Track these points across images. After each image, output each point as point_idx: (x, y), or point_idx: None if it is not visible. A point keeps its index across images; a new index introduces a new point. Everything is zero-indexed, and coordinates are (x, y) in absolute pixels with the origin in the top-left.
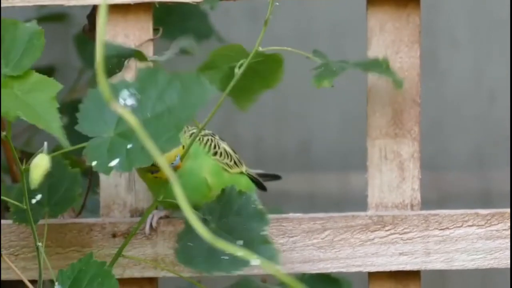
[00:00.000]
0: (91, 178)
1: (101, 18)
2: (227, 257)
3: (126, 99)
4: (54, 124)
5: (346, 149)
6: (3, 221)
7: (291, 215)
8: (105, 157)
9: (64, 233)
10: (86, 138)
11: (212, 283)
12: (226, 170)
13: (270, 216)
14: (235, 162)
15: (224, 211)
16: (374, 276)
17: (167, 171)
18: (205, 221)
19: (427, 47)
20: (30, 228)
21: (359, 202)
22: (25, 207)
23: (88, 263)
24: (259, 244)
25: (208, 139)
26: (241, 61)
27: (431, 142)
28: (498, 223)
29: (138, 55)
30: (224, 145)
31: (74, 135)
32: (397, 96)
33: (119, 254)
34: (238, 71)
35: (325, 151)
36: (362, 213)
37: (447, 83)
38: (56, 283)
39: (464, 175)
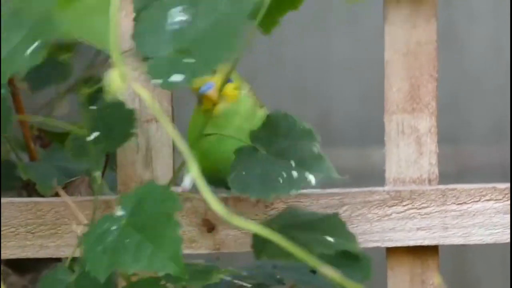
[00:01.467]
0: (109, 155)
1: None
2: (282, 179)
3: (180, 16)
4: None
5: (365, 122)
6: (18, 199)
7: (308, 190)
8: (165, 74)
9: (82, 210)
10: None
11: (230, 259)
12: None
13: None
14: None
15: (272, 136)
16: (392, 251)
17: (166, 124)
18: (254, 149)
19: (446, 19)
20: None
21: (378, 176)
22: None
23: (151, 188)
24: (311, 161)
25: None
26: None
27: (450, 115)
28: None
29: None
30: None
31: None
32: (414, 70)
33: None
34: None
35: (344, 125)
36: (379, 188)
37: (466, 55)
38: (119, 207)
39: (483, 148)
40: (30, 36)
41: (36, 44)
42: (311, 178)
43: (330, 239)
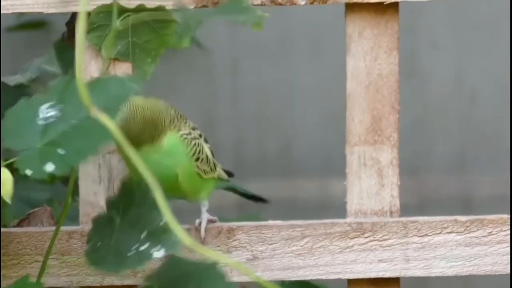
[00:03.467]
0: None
1: (80, 25)
2: (132, 253)
3: (48, 112)
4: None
5: (327, 154)
6: None
7: (270, 222)
8: (37, 164)
9: (44, 241)
10: None
11: None
12: (200, 175)
13: (250, 223)
14: (211, 168)
15: (126, 204)
16: (353, 283)
17: (136, 161)
18: (110, 219)
19: (408, 49)
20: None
21: (339, 208)
22: None
23: (24, 285)
24: (160, 234)
25: (196, 143)
26: (125, 14)
27: (411, 146)
28: (477, 229)
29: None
30: (206, 149)
31: None
32: (376, 102)
33: (45, 263)
34: (117, 25)
35: (306, 155)
36: (341, 220)
37: (428, 86)
38: None
39: (446, 179)
40: None
41: None
42: (157, 255)
43: None
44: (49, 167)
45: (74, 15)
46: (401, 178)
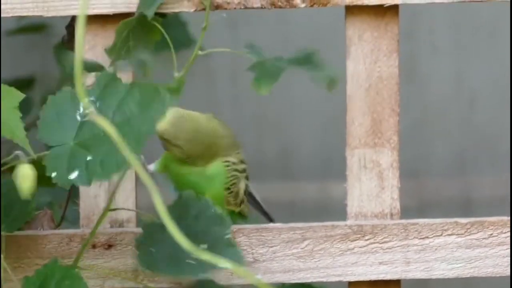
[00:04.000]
0: (71, 189)
1: (80, 29)
2: (192, 261)
3: (89, 107)
4: (18, 132)
5: (327, 157)
6: None
7: (270, 225)
8: (64, 169)
9: (44, 244)
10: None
11: None
12: (222, 204)
13: (251, 226)
14: (235, 203)
15: (182, 215)
16: (354, 285)
17: (143, 175)
18: (163, 226)
19: (408, 52)
20: None
21: (340, 210)
22: None
23: (53, 268)
24: (223, 247)
25: (234, 176)
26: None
27: (412, 149)
28: (478, 231)
29: (98, 68)
30: (242, 185)
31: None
32: (376, 105)
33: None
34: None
35: (306, 159)
36: (341, 223)
37: (428, 89)
38: None
39: (446, 181)
40: None
41: None
42: (224, 265)
43: None
44: (74, 175)
45: (73, 19)
46: (401, 181)
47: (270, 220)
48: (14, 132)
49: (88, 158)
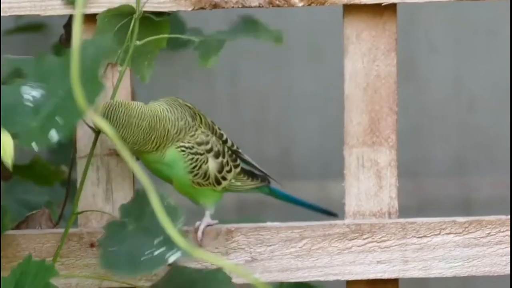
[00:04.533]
0: (69, 188)
1: (76, 28)
2: (146, 257)
3: (31, 92)
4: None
5: (326, 157)
6: None
7: (268, 223)
8: (41, 135)
9: (42, 243)
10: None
11: None
12: (193, 186)
13: (248, 225)
14: (209, 182)
15: (140, 211)
16: (352, 284)
17: (127, 158)
18: (123, 224)
19: (406, 53)
20: None
21: (338, 210)
22: None
23: (28, 265)
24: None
25: (195, 159)
26: (135, 14)
27: (410, 149)
28: (476, 230)
29: None
30: (211, 165)
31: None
32: (374, 104)
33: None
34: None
35: (305, 158)
36: (339, 222)
37: (426, 90)
38: None
39: (444, 182)
40: None
41: None
42: (173, 258)
43: None
44: (53, 135)
45: (71, 18)
46: (400, 181)
47: (265, 177)
48: None
49: (58, 119)
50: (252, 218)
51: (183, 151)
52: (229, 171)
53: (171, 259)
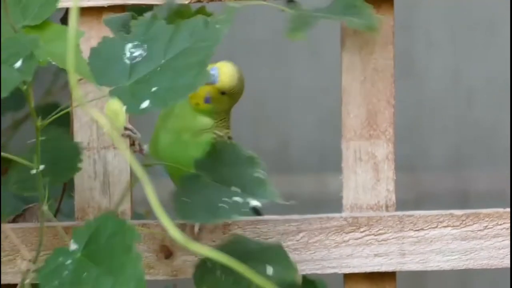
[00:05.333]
0: (66, 182)
1: (72, 21)
2: (225, 205)
3: (133, 51)
4: (82, 68)
5: (324, 150)
6: None
7: (266, 217)
8: (132, 100)
9: (38, 237)
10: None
11: (187, 286)
12: None
13: (246, 218)
14: None
15: (216, 163)
16: (349, 277)
17: (124, 150)
18: (198, 177)
19: (404, 47)
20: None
21: (336, 203)
22: (32, 173)
23: (106, 220)
24: (254, 186)
25: None
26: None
27: (408, 143)
28: (473, 223)
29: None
30: None
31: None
32: (371, 97)
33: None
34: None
35: (303, 152)
36: (336, 215)
37: (425, 83)
38: (72, 241)
39: (442, 176)
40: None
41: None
42: (255, 203)
43: (269, 270)
44: (144, 104)
45: (68, 11)
46: (398, 175)
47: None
48: (78, 68)
49: (153, 89)
50: (248, 211)
51: (215, 139)
52: None
53: (253, 203)
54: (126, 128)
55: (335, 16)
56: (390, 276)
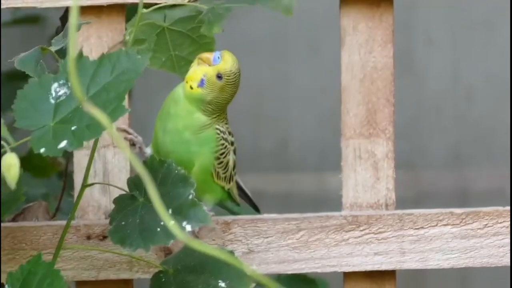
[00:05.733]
0: (66, 180)
1: (73, 19)
2: (162, 230)
3: (58, 90)
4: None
5: (323, 148)
6: None
7: (265, 215)
8: (51, 142)
9: (39, 236)
10: None
11: None
12: (212, 176)
13: (246, 216)
14: (225, 177)
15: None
16: (349, 276)
17: (124, 148)
18: (132, 198)
19: (404, 45)
20: None
21: (335, 202)
22: None
23: (37, 264)
24: (188, 209)
25: (225, 145)
26: (160, 28)
27: (408, 141)
28: (473, 222)
29: (44, 50)
30: (231, 158)
31: None
32: (371, 95)
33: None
34: (128, 38)
35: (302, 150)
36: (336, 213)
37: (424, 82)
38: (6, 286)
39: (442, 174)
40: None
41: None
42: (188, 227)
43: (222, 284)
44: (62, 144)
45: (67, 10)
46: (397, 173)
47: (257, 211)
48: None
49: (73, 128)
50: (248, 209)
51: (218, 134)
52: (235, 174)
53: (188, 228)
54: (128, 132)
55: (248, 3)
56: (390, 274)
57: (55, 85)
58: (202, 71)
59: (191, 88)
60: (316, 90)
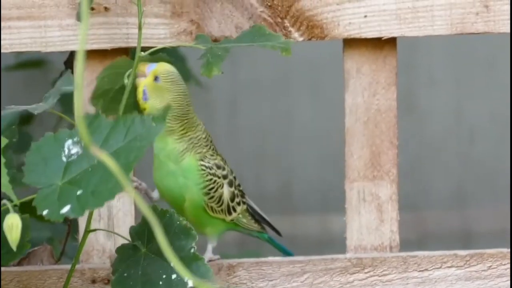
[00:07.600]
0: (70, 224)
1: (79, 64)
2: (163, 282)
3: (71, 148)
4: (2, 179)
5: (327, 190)
6: None
7: (270, 258)
8: (55, 205)
9: (44, 280)
10: None
11: None
12: (206, 210)
13: (250, 260)
14: (222, 210)
15: (151, 233)
16: None
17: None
18: (134, 248)
19: (406, 85)
20: None
21: (339, 244)
22: None
23: None
24: (190, 262)
25: (213, 180)
26: (129, 71)
27: (411, 182)
28: (477, 263)
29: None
30: (226, 191)
31: None
32: (375, 138)
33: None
34: (127, 82)
35: (306, 192)
36: (341, 256)
37: (427, 122)
38: None
39: (445, 215)
40: None
41: None
42: (189, 282)
43: None
44: (65, 209)
45: (72, 54)
46: (401, 214)
47: (278, 234)
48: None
49: (78, 192)
50: (253, 252)
51: (203, 169)
52: (239, 204)
53: (190, 284)
54: (132, 180)
55: (246, 44)
56: None
57: (69, 142)
58: (141, 84)
59: (141, 106)
60: (319, 131)
